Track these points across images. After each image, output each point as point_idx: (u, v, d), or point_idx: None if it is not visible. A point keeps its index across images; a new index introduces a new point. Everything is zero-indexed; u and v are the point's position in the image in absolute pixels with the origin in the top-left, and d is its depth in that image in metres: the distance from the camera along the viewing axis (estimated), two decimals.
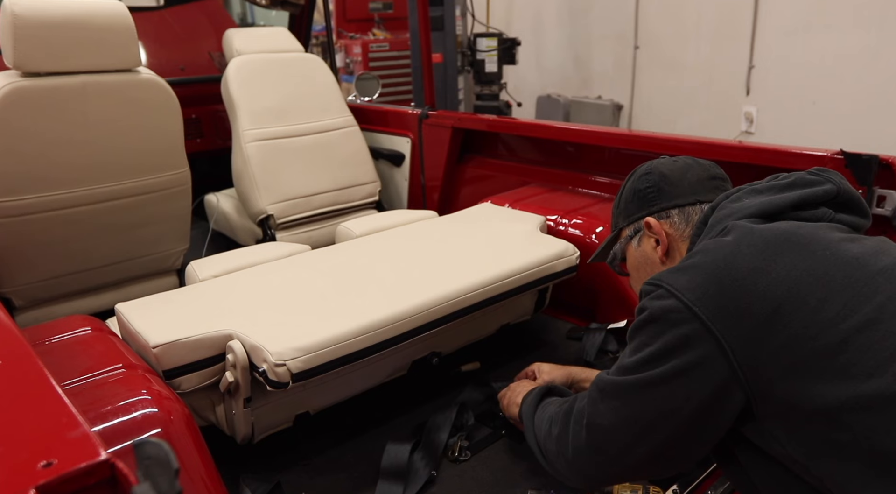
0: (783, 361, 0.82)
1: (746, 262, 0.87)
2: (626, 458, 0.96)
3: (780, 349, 0.82)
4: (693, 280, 0.88)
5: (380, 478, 1.33)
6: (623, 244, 1.21)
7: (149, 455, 0.51)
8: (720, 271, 0.87)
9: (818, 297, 0.83)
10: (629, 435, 0.94)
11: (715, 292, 0.86)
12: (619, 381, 0.95)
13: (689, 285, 0.88)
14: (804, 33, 4.25)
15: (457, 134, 2.51)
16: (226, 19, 3.60)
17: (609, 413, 0.96)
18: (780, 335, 0.82)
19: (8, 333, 0.85)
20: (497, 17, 6.10)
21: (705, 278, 0.88)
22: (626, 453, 0.96)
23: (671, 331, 0.88)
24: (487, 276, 1.56)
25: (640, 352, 0.92)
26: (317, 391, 1.45)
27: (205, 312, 1.38)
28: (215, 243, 2.58)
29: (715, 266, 0.88)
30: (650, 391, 0.91)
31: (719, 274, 0.87)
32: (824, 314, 0.82)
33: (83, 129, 1.75)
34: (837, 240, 0.89)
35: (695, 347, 0.86)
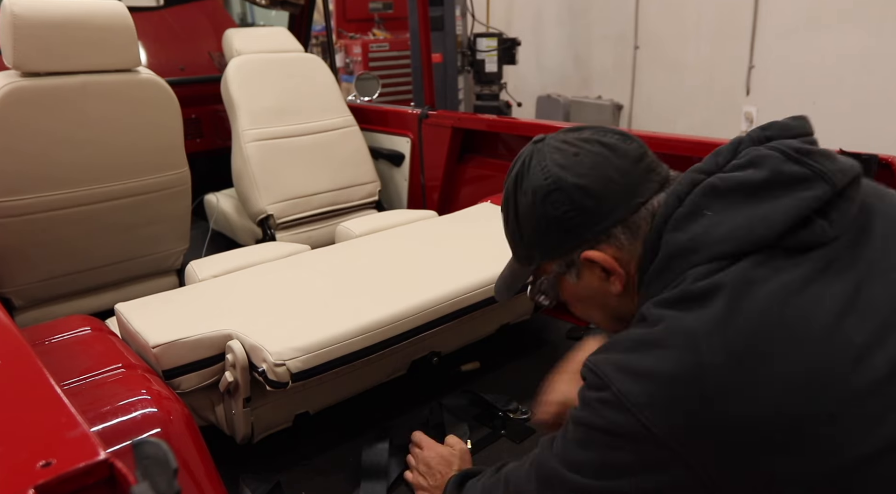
0: (775, 487, 0.69)
1: (720, 377, 0.68)
2: None
3: (766, 478, 0.69)
4: (652, 396, 0.71)
5: (361, 479, 1.35)
6: (551, 280, 0.93)
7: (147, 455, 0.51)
8: (686, 387, 0.69)
9: (815, 422, 0.66)
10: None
11: (680, 415, 0.70)
12: (570, 479, 0.80)
13: (648, 401, 0.71)
14: (804, 33, 4.25)
15: (457, 134, 2.51)
16: (226, 19, 3.60)
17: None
18: (767, 467, 0.68)
19: (7, 333, 0.85)
20: (497, 17, 6.10)
21: (667, 397, 0.70)
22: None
23: (631, 447, 0.73)
24: (487, 276, 1.55)
25: (592, 453, 0.78)
26: (316, 391, 1.45)
27: (204, 312, 1.39)
28: (215, 243, 2.58)
29: (679, 380, 0.70)
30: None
31: (684, 392, 0.70)
32: (822, 446, 0.66)
33: (83, 129, 1.75)
34: (836, 316, 0.69)
35: (660, 469, 0.72)
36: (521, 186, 0.89)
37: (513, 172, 0.92)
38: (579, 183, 0.83)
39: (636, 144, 0.87)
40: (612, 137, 0.87)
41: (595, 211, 0.84)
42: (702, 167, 0.81)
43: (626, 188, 0.84)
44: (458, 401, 1.60)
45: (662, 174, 0.87)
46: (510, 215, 0.93)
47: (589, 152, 0.85)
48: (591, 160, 0.85)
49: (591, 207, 0.83)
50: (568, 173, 0.84)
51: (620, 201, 0.83)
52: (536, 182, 0.86)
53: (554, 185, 0.84)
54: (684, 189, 0.80)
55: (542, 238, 0.89)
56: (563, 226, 0.85)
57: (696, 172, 0.81)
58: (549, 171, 0.85)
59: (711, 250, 0.75)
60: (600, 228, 0.84)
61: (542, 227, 0.87)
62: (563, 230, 0.86)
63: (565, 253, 0.88)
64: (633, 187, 0.84)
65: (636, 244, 0.84)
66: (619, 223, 0.84)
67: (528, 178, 0.88)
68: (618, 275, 0.86)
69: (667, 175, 0.87)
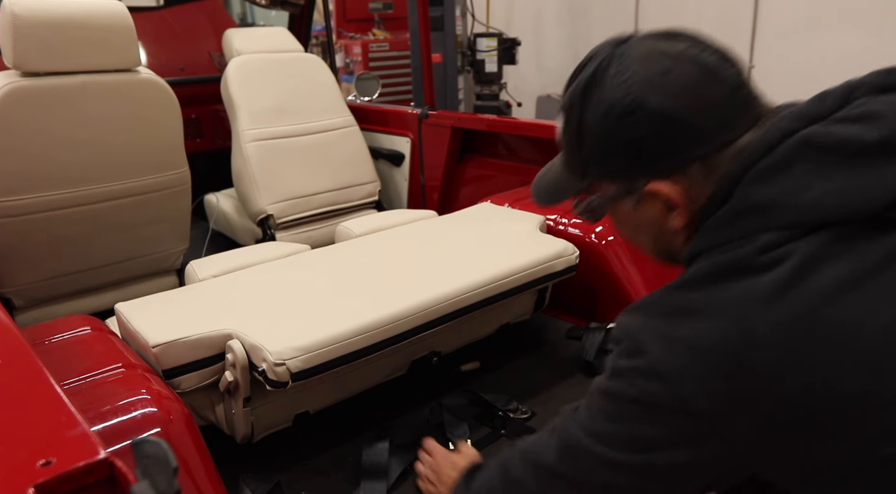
0: (809, 469, 0.66)
1: (766, 351, 0.63)
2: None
3: (803, 459, 0.65)
4: (692, 366, 0.66)
5: (361, 479, 1.35)
6: (604, 201, 0.83)
7: (147, 454, 0.51)
8: (728, 358, 0.64)
9: (864, 406, 0.62)
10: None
11: (720, 387, 0.65)
12: (595, 450, 0.75)
13: (686, 370, 0.66)
14: (804, 33, 4.25)
15: (456, 134, 2.51)
16: (226, 19, 3.60)
17: (580, 475, 0.79)
18: (806, 448, 0.64)
19: (7, 333, 0.85)
20: (497, 17, 6.10)
21: (708, 367, 0.65)
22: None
23: (664, 420, 0.69)
24: (487, 275, 1.55)
25: (620, 425, 0.73)
26: (316, 391, 1.45)
27: (204, 311, 1.39)
28: (215, 242, 2.58)
29: (721, 351, 0.65)
30: (635, 474, 0.74)
31: (726, 363, 0.64)
32: (868, 433, 0.62)
33: (83, 128, 1.75)
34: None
35: (694, 443, 0.68)
36: (592, 95, 0.76)
37: (582, 73, 0.79)
38: (664, 108, 0.71)
39: (736, 70, 0.74)
40: (711, 55, 0.74)
41: (675, 142, 0.72)
42: (802, 112, 0.70)
43: (716, 122, 0.72)
44: (457, 401, 1.60)
45: (758, 109, 0.75)
46: (571, 124, 0.80)
47: (682, 73, 0.72)
48: (683, 83, 0.71)
49: (672, 137, 0.72)
50: (653, 94, 0.71)
51: (706, 136, 0.72)
52: (613, 96, 0.74)
53: (634, 105, 0.72)
54: (776, 137, 0.69)
55: (606, 158, 0.78)
56: (634, 151, 0.74)
57: (793, 117, 0.70)
58: (632, 86, 0.72)
59: (791, 215, 0.66)
60: (677, 161, 0.73)
61: (610, 147, 0.76)
62: (633, 156, 0.75)
63: (629, 179, 0.78)
64: (724, 121, 0.72)
65: (709, 184, 0.73)
66: (699, 159, 0.73)
67: (603, 88, 0.75)
68: (682, 211, 0.76)
69: (762, 111, 0.75)
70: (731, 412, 0.65)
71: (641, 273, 1.80)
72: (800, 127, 0.69)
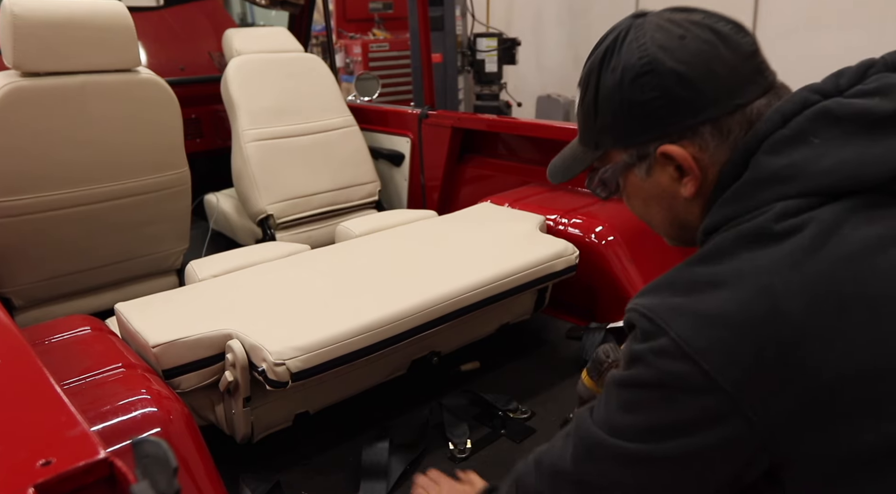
0: (832, 458, 0.64)
1: (796, 322, 0.62)
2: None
3: (831, 444, 0.63)
4: (718, 340, 0.64)
5: (361, 479, 1.35)
6: (618, 171, 0.84)
7: (147, 454, 0.51)
8: (757, 331, 0.62)
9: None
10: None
11: (748, 362, 0.63)
12: (614, 445, 0.72)
13: (711, 345, 0.64)
14: (804, 33, 4.25)
15: (456, 134, 2.51)
16: (226, 19, 3.60)
17: (600, 478, 0.76)
18: (834, 431, 0.62)
19: (7, 333, 0.85)
20: (497, 17, 6.10)
21: (735, 341, 0.63)
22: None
23: (687, 401, 0.66)
24: (487, 275, 1.56)
25: (640, 415, 0.71)
26: (316, 391, 1.45)
27: (204, 311, 1.39)
28: (215, 242, 2.59)
29: (749, 324, 0.63)
30: (655, 467, 0.71)
31: (754, 337, 0.62)
32: None
33: (83, 129, 1.75)
34: None
35: (718, 424, 0.65)
36: (610, 62, 0.78)
37: (603, 44, 0.81)
38: (678, 69, 0.73)
39: (750, 39, 0.76)
40: (725, 25, 0.76)
41: (687, 103, 0.73)
42: (818, 87, 0.71)
43: (729, 85, 0.73)
44: (457, 401, 1.60)
45: (770, 79, 0.77)
46: (588, 93, 0.82)
47: (696, 38, 0.74)
48: (697, 47, 0.73)
49: (684, 98, 0.73)
50: (667, 56, 0.73)
51: (718, 99, 0.73)
52: (629, 60, 0.76)
53: (648, 66, 0.74)
54: (793, 109, 0.70)
55: (619, 123, 0.79)
56: (647, 113, 0.75)
57: (810, 91, 0.71)
58: (647, 50, 0.75)
59: (809, 182, 0.66)
60: (688, 123, 0.74)
61: (624, 111, 0.77)
62: (645, 118, 0.76)
63: (641, 144, 0.78)
64: (736, 86, 0.73)
65: (722, 149, 0.74)
66: (710, 122, 0.74)
67: (620, 54, 0.77)
68: (693, 177, 0.76)
69: (773, 81, 0.77)
70: (759, 388, 0.63)
71: (641, 273, 1.80)
72: (817, 100, 0.70)
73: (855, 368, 0.61)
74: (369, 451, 1.40)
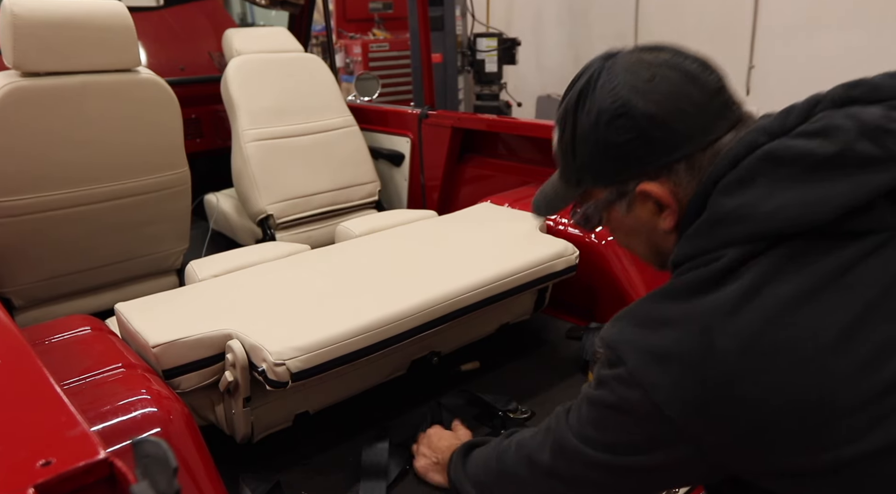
0: (776, 469, 0.70)
1: (729, 362, 0.68)
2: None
3: (767, 463, 0.70)
4: (664, 375, 0.71)
5: (361, 478, 1.35)
6: (600, 207, 0.88)
7: (147, 454, 0.51)
8: (696, 369, 0.69)
9: (818, 417, 0.66)
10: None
11: (689, 396, 0.69)
12: (583, 451, 0.82)
13: (659, 380, 0.71)
14: (804, 33, 4.25)
15: (456, 134, 2.51)
16: (226, 19, 3.60)
17: (571, 472, 0.87)
18: (768, 453, 0.69)
19: (7, 333, 0.85)
20: (497, 17, 6.10)
21: (677, 377, 0.70)
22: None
23: (639, 425, 0.74)
24: (487, 275, 1.56)
25: (602, 431, 0.80)
26: (316, 391, 1.45)
27: (204, 311, 1.39)
28: (215, 242, 2.59)
29: (689, 362, 0.69)
30: (618, 473, 0.80)
31: (694, 373, 0.69)
32: (823, 440, 0.66)
33: (83, 129, 1.75)
34: (860, 312, 0.66)
35: (667, 447, 0.73)
36: (584, 104, 0.82)
37: (575, 86, 0.84)
38: (650, 111, 0.76)
39: (716, 76, 0.80)
40: (692, 63, 0.79)
41: (662, 143, 0.77)
42: (766, 127, 0.74)
43: (699, 123, 0.77)
44: (457, 401, 1.60)
45: (737, 113, 0.80)
46: (566, 134, 0.85)
47: (665, 78, 0.77)
48: (667, 88, 0.77)
49: (658, 138, 0.77)
50: (639, 98, 0.77)
51: (690, 136, 0.77)
52: (603, 103, 0.79)
53: (622, 109, 0.77)
54: (742, 151, 0.74)
55: (598, 163, 0.83)
56: (624, 154, 0.79)
57: (758, 132, 0.74)
58: (619, 93, 0.78)
59: (754, 226, 0.71)
60: (663, 161, 0.78)
61: (601, 152, 0.81)
62: (623, 159, 0.80)
63: (620, 182, 0.83)
64: (705, 123, 0.77)
65: (692, 184, 0.79)
66: (684, 159, 0.78)
67: (594, 96, 0.80)
68: (672, 211, 0.81)
69: (741, 115, 0.81)
70: (700, 420, 0.70)
71: (641, 273, 1.80)
72: (765, 141, 0.73)
73: (786, 402, 0.66)
74: (369, 451, 1.40)
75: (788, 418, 0.67)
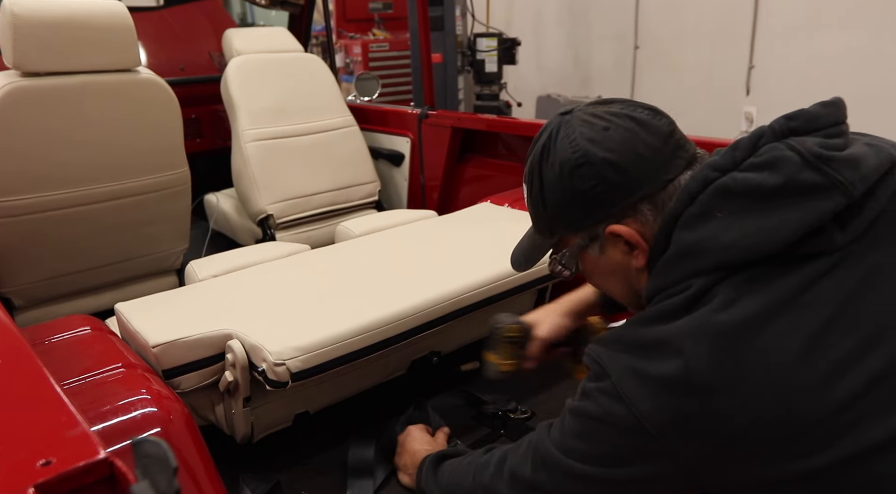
0: (753, 481, 0.73)
1: (703, 380, 0.72)
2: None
3: (745, 474, 0.73)
4: (644, 393, 0.75)
5: (348, 477, 1.36)
6: (574, 253, 0.93)
7: (147, 454, 0.51)
8: (673, 388, 0.73)
9: (789, 429, 0.70)
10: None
11: (668, 412, 0.74)
12: (566, 463, 0.85)
13: (640, 396, 0.75)
14: (804, 33, 4.25)
15: (456, 134, 2.51)
16: (226, 19, 3.60)
17: (553, 486, 0.89)
18: (746, 465, 0.72)
19: (7, 332, 0.86)
20: (497, 17, 6.10)
21: (657, 396, 0.74)
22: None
23: (622, 438, 0.78)
24: (487, 275, 1.56)
25: (586, 442, 0.83)
26: (316, 391, 1.45)
27: (204, 311, 1.39)
28: (215, 242, 2.59)
29: (667, 382, 0.74)
30: (600, 485, 0.83)
31: (672, 393, 0.73)
32: (796, 450, 0.70)
33: (83, 129, 1.75)
34: (818, 330, 0.71)
35: (649, 460, 0.77)
36: (548, 158, 0.88)
37: (538, 142, 0.91)
38: (608, 158, 0.82)
39: (666, 121, 0.87)
40: (642, 112, 0.86)
41: (623, 186, 0.83)
42: (717, 163, 0.79)
43: (655, 165, 0.83)
44: (457, 401, 1.60)
45: (690, 152, 0.86)
46: (534, 188, 0.92)
47: (619, 127, 0.84)
48: (621, 135, 0.83)
49: (619, 182, 0.83)
50: (597, 148, 0.83)
51: (649, 178, 0.83)
52: (564, 155, 0.86)
53: (583, 158, 0.84)
54: (697, 187, 0.79)
55: (567, 212, 0.89)
56: (589, 200, 0.85)
57: (710, 168, 0.79)
58: (578, 144, 0.84)
59: (717, 256, 0.76)
60: (627, 203, 0.84)
61: (568, 200, 0.87)
62: (589, 205, 0.86)
63: (590, 227, 0.88)
64: (661, 164, 0.83)
65: (657, 221, 0.84)
66: (647, 199, 0.83)
67: (556, 150, 0.87)
68: (641, 250, 0.86)
69: (694, 153, 0.86)
70: (678, 435, 0.74)
71: None
72: (717, 176, 0.78)
73: (757, 416, 0.70)
74: (355, 452, 1.40)
75: (761, 430, 0.70)
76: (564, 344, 1.32)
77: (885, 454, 0.68)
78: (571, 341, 1.32)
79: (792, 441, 0.70)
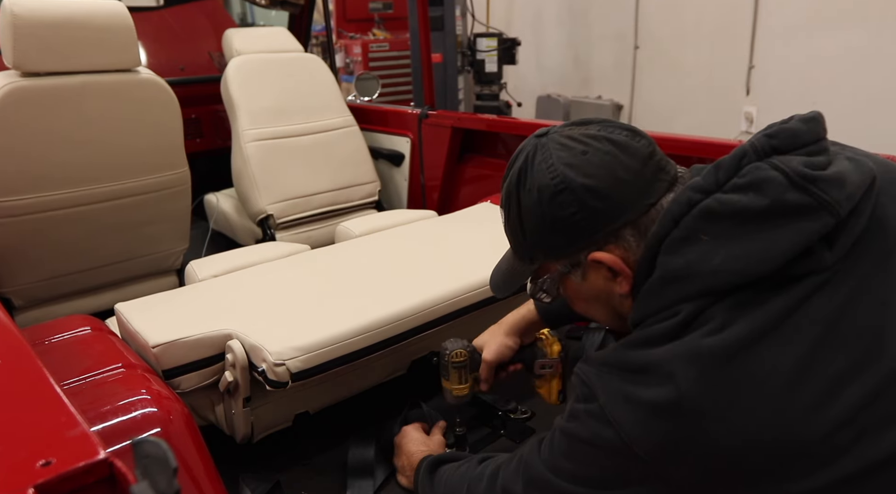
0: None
1: (694, 405, 0.71)
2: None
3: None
4: (633, 418, 0.74)
5: (348, 477, 1.36)
6: (554, 279, 0.91)
7: (147, 454, 0.51)
8: (663, 414, 0.72)
9: (783, 451, 0.69)
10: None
11: (658, 437, 0.72)
12: (555, 482, 0.84)
13: (629, 421, 0.74)
14: (804, 33, 4.25)
15: (456, 134, 2.51)
16: (226, 19, 3.60)
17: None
18: (738, 488, 0.72)
19: (7, 333, 0.85)
20: (497, 17, 6.10)
21: (646, 421, 0.73)
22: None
23: (610, 460, 0.77)
24: (487, 275, 1.54)
25: (575, 463, 0.82)
26: (316, 391, 1.45)
27: (204, 311, 1.39)
28: (215, 242, 2.58)
29: (657, 408, 0.72)
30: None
31: (661, 418, 0.72)
32: (791, 473, 0.70)
33: (83, 129, 1.75)
34: (808, 351, 0.70)
35: (638, 483, 0.76)
36: (525, 183, 0.84)
37: (514, 166, 0.87)
38: (588, 184, 0.79)
39: (645, 141, 0.83)
40: (620, 133, 0.82)
41: (604, 213, 0.80)
42: (700, 185, 0.76)
43: (636, 189, 0.80)
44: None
45: (672, 173, 0.83)
46: (512, 214, 0.88)
47: (598, 150, 0.80)
48: (600, 159, 0.80)
49: (600, 208, 0.80)
50: (576, 173, 0.80)
51: (630, 202, 0.80)
52: (542, 181, 0.82)
53: (562, 184, 0.80)
54: (681, 210, 0.76)
55: (547, 239, 0.85)
56: (570, 227, 0.81)
57: (693, 190, 0.77)
58: (556, 170, 0.81)
59: (704, 281, 0.74)
60: (609, 229, 0.81)
61: (548, 227, 0.83)
62: (570, 232, 0.82)
63: (571, 254, 0.85)
64: (642, 188, 0.80)
65: (641, 246, 0.81)
66: (629, 225, 0.80)
67: (533, 175, 0.83)
68: (625, 276, 0.83)
69: (675, 174, 0.84)
70: (669, 459, 0.73)
71: None
72: (700, 198, 0.75)
73: (750, 439, 0.69)
74: (355, 452, 1.40)
75: (754, 453, 0.69)
76: (518, 361, 1.33)
77: (887, 470, 0.68)
78: (525, 357, 1.33)
79: (789, 461, 0.69)
